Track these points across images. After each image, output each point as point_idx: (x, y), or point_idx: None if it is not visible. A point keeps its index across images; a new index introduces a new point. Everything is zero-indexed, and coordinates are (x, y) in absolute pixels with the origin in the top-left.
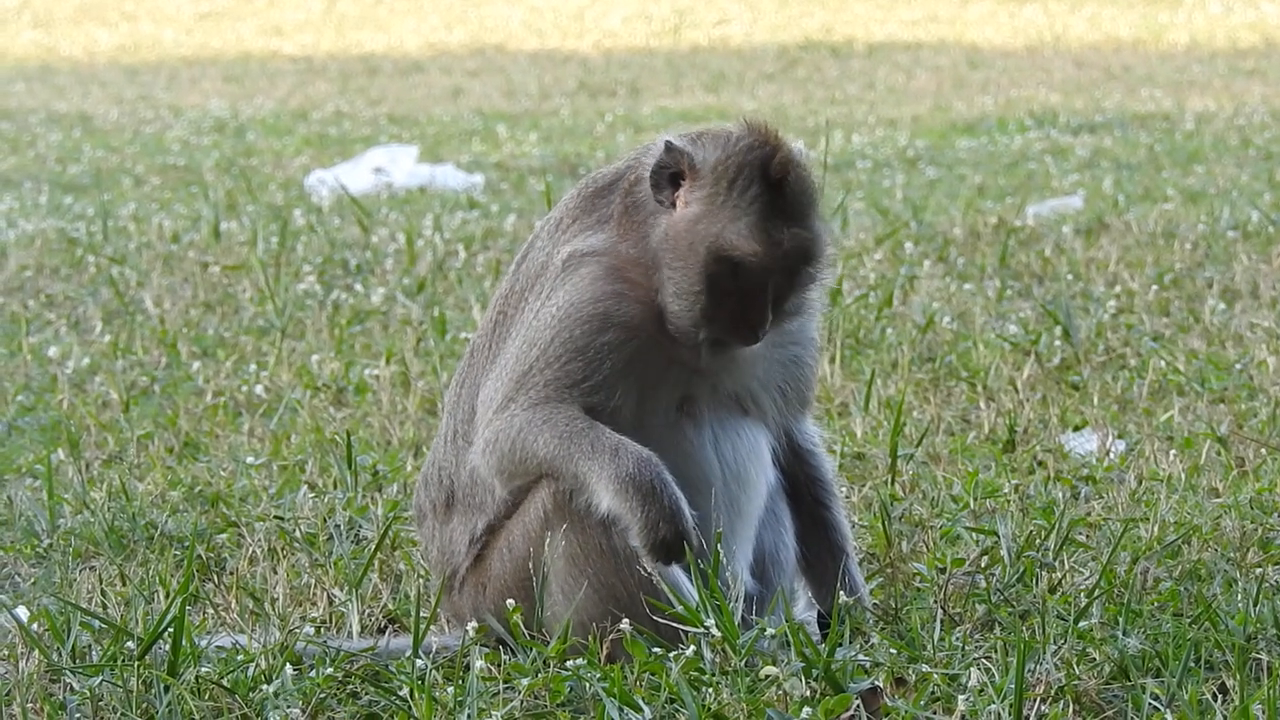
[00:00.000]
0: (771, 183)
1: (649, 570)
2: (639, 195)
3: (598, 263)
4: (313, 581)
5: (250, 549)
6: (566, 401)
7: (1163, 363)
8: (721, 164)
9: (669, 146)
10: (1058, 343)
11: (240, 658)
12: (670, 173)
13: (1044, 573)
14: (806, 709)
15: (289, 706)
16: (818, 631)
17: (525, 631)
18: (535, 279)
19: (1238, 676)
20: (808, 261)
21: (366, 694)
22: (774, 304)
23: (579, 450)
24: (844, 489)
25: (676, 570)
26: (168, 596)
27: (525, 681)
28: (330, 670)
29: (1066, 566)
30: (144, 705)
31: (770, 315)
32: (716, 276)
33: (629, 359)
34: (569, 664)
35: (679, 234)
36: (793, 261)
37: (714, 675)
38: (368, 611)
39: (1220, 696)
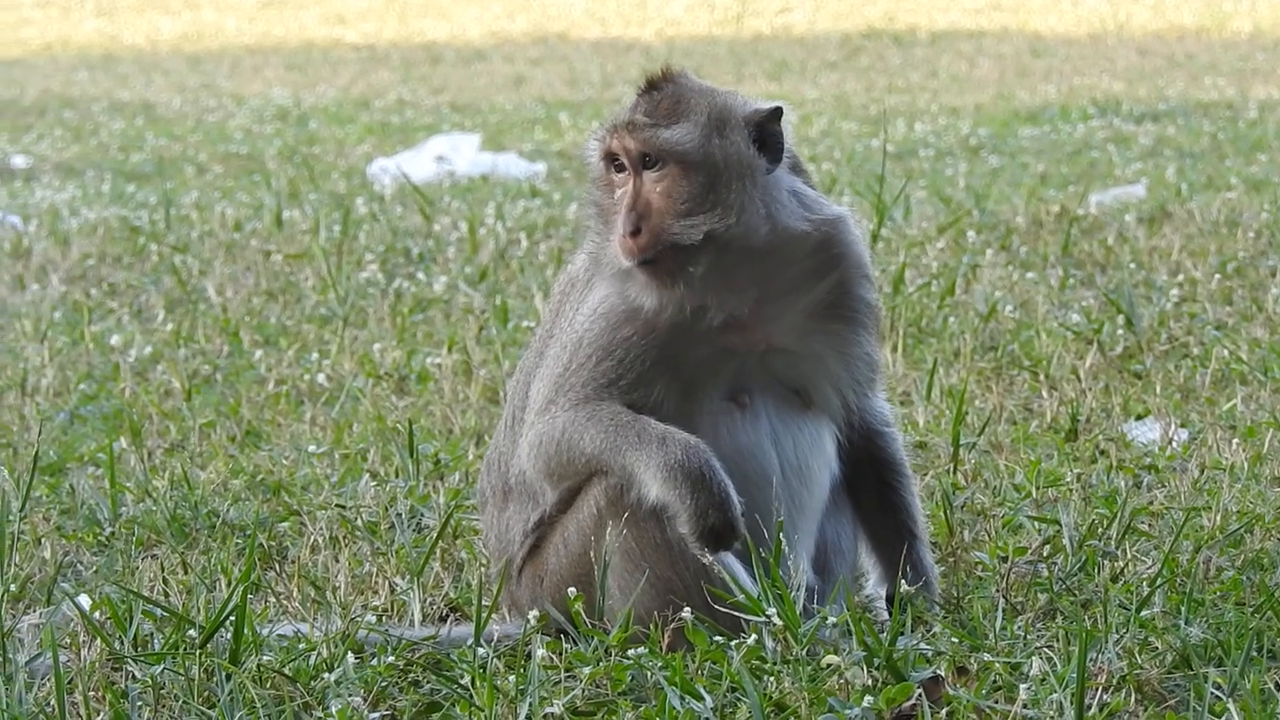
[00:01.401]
0: (638, 94)
1: (706, 561)
2: None
3: (612, 261)
4: (374, 570)
5: (312, 537)
6: (607, 399)
7: (1225, 351)
8: None
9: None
10: (1120, 331)
11: (302, 646)
12: None
13: (1106, 562)
14: (868, 698)
15: (350, 695)
16: (885, 610)
17: (587, 620)
18: (571, 284)
19: None
20: (643, 141)
21: (428, 682)
22: (645, 205)
23: (625, 441)
24: None
25: (734, 560)
26: (229, 585)
27: (587, 670)
28: (392, 659)
29: (1128, 555)
30: (205, 694)
31: (629, 215)
32: (602, 198)
33: (657, 352)
34: (630, 653)
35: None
36: (627, 143)
37: (775, 664)
38: (429, 600)
39: None
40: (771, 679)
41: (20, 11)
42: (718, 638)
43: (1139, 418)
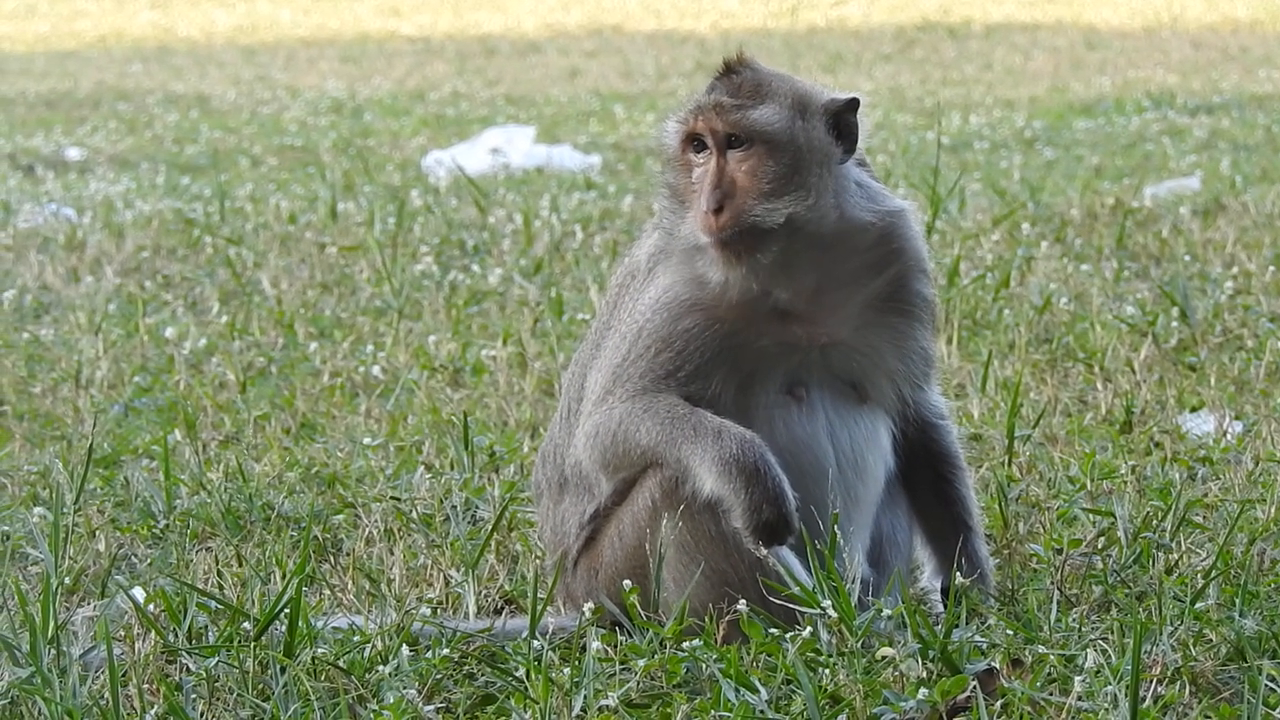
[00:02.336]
0: (718, 76)
1: (758, 553)
2: None
3: (677, 249)
4: (429, 562)
5: (367, 530)
6: (664, 391)
7: None
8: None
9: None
10: (1175, 324)
11: (356, 639)
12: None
13: (1161, 554)
14: (923, 690)
15: (405, 687)
16: (940, 602)
17: (642, 613)
18: (631, 276)
19: None
20: (728, 122)
21: (483, 675)
22: (730, 184)
23: (681, 435)
24: None
25: (788, 553)
26: (284, 577)
27: (641, 663)
28: (446, 651)
29: (1183, 548)
30: (260, 686)
31: (714, 192)
32: (678, 178)
33: (717, 344)
34: (685, 645)
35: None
36: (714, 123)
37: (830, 656)
38: (484, 592)
39: None
40: (826, 671)
41: (75, 4)
42: (773, 630)
43: (1193, 410)
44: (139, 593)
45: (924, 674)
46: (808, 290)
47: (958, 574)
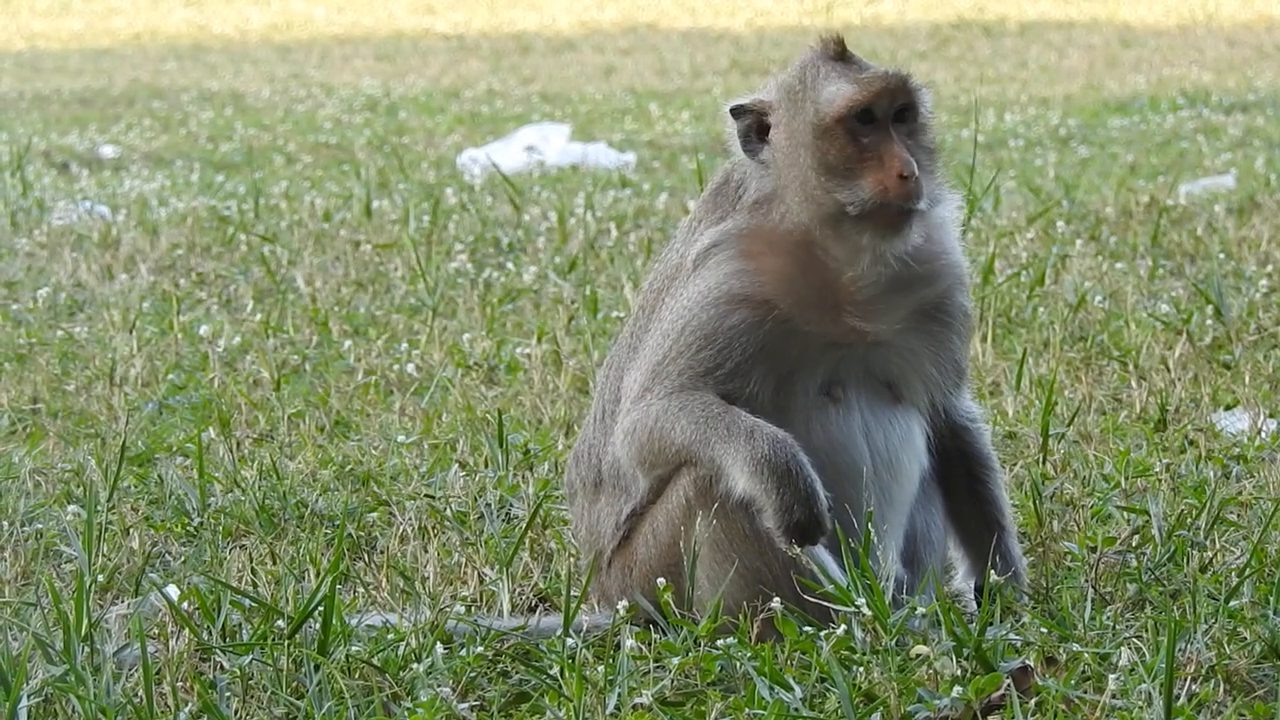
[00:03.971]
0: (835, 58)
1: (792, 553)
2: (739, 177)
3: (721, 250)
4: (463, 560)
5: (401, 528)
6: (702, 389)
7: None
8: (788, 80)
9: (737, 110)
10: (1209, 322)
11: (391, 636)
12: (754, 129)
13: (1195, 552)
14: (957, 688)
15: (439, 685)
16: (974, 601)
17: (676, 611)
18: (671, 278)
19: None
20: (908, 94)
21: (517, 673)
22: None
23: (715, 434)
24: None
25: (823, 551)
26: (318, 575)
27: (676, 660)
28: (481, 649)
29: (1218, 545)
30: (294, 684)
31: (910, 157)
32: (841, 149)
33: (762, 340)
34: (719, 643)
35: (785, 154)
36: (894, 96)
37: (864, 654)
38: (518, 590)
39: None
40: (861, 669)
41: (110, 1)
42: (807, 628)
43: (1228, 408)
44: (173, 591)
45: (958, 672)
46: (879, 288)
47: (992, 572)
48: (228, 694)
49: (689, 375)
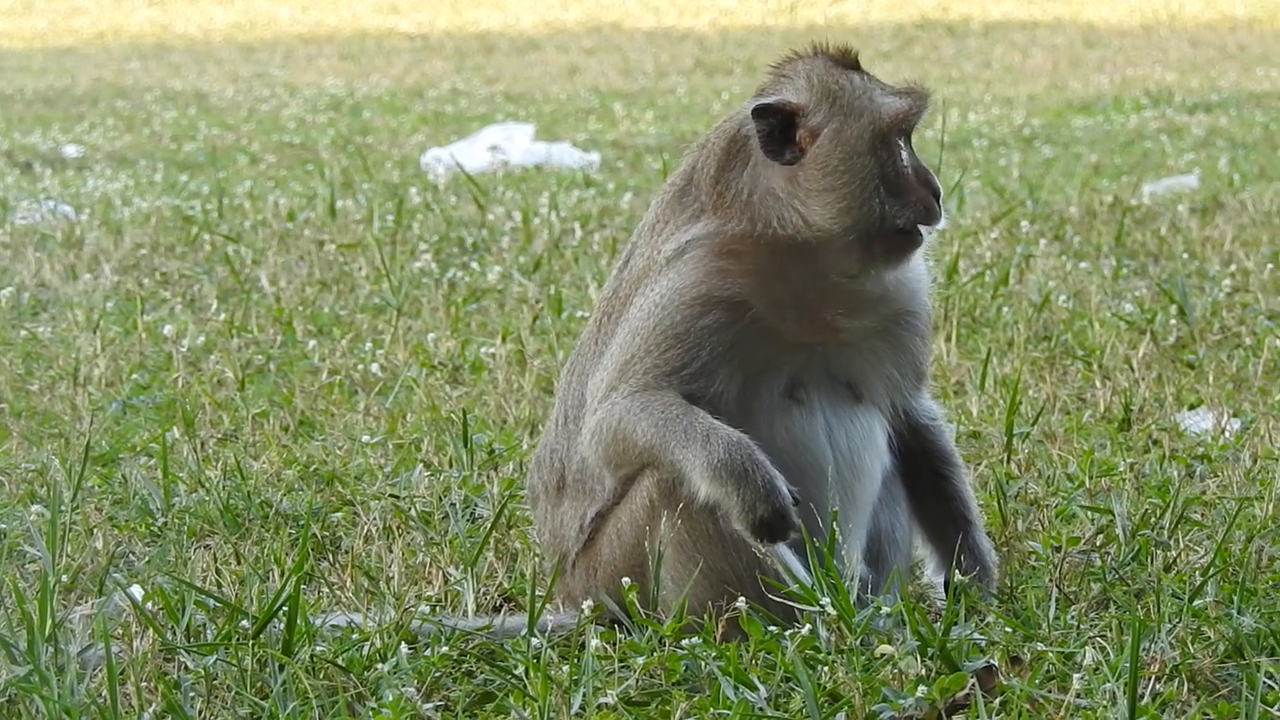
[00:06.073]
0: (853, 68)
1: (760, 553)
2: (729, 179)
3: (701, 246)
4: (428, 560)
5: (365, 527)
6: (665, 389)
7: (1278, 341)
8: (823, 80)
9: (763, 109)
10: (1173, 321)
11: (355, 636)
12: (779, 130)
13: (1159, 551)
14: (922, 687)
15: (404, 685)
16: (944, 595)
17: (641, 611)
18: (640, 279)
19: None
20: (929, 108)
21: (482, 673)
22: None
23: (673, 438)
24: None
25: (787, 551)
26: (282, 575)
27: (641, 660)
28: (445, 649)
29: (1181, 545)
30: (258, 684)
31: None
32: (894, 160)
33: (733, 341)
34: (684, 643)
35: (825, 159)
36: (928, 110)
37: (829, 654)
38: (483, 590)
39: None
40: (825, 669)
41: (73, 1)
42: (772, 628)
43: (1192, 407)
44: (137, 591)
45: (923, 671)
46: (859, 294)
47: (957, 571)
48: (192, 694)
49: (654, 374)
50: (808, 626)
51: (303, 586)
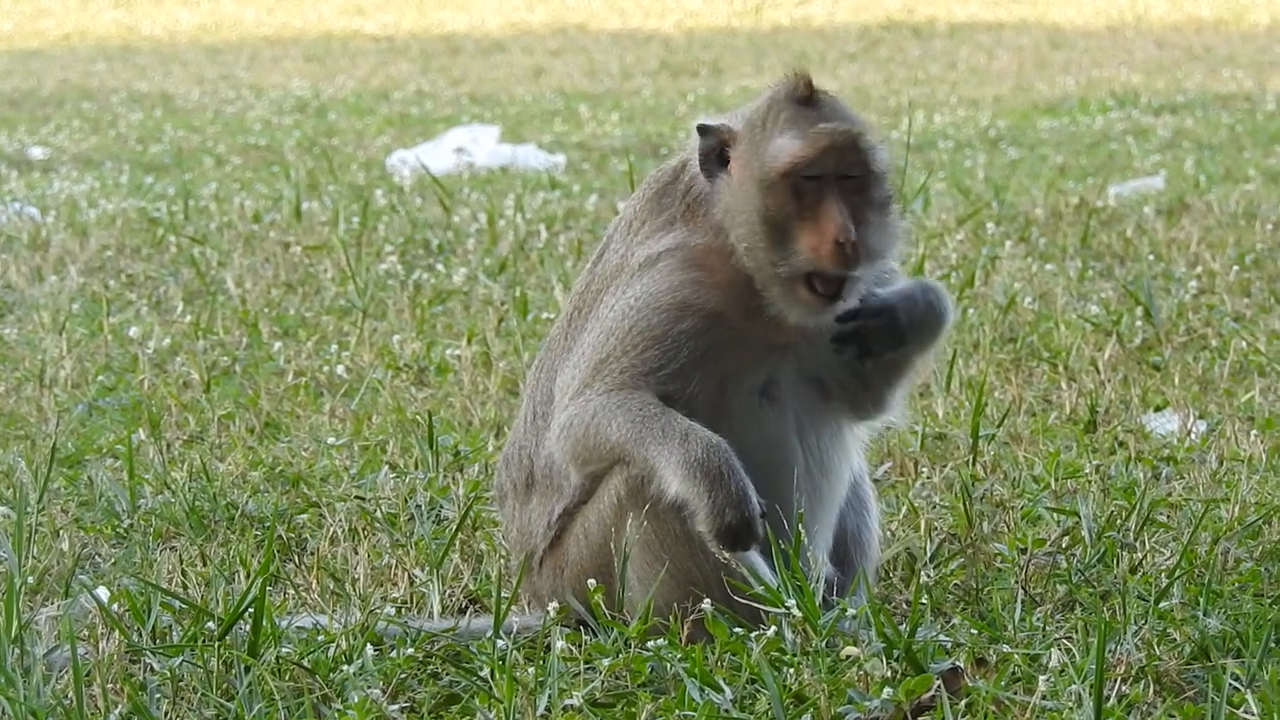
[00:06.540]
0: (800, 101)
1: (724, 558)
2: (697, 188)
3: (673, 257)
4: (394, 562)
5: (331, 529)
6: (641, 388)
7: (1244, 343)
8: (753, 113)
9: (703, 129)
10: (1139, 323)
11: (321, 638)
12: (715, 152)
13: (1125, 553)
14: (887, 689)
15: (369, 687)
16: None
17: (606, 612)
18: (612, 278)
19: None
20: (858, 153)
21: (447, 674)
22: (851, 216)
23: (650, 435)
24: (925, 469)
25: (753, 553)
26: (248, 577)
27: (606, 662)
28: (411, 651)
29: (1147, 547)
30: (224, 686)
31: (849, 224)
32: (781, 205)
33: (708, 346)
34: (650, 644)
35: (735, 191)
36: (842, 155)
37: (795, 656)
38: (449, 592)
39: None
40: (791, 670)
41: (38, 3)
42: (737, 629)
43: (1158, 409)
44: (103, 592)
45: (888, 673)
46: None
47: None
48: (158, 695)
49: (630, 374)
50: (773, 628)
51: (268, 588)
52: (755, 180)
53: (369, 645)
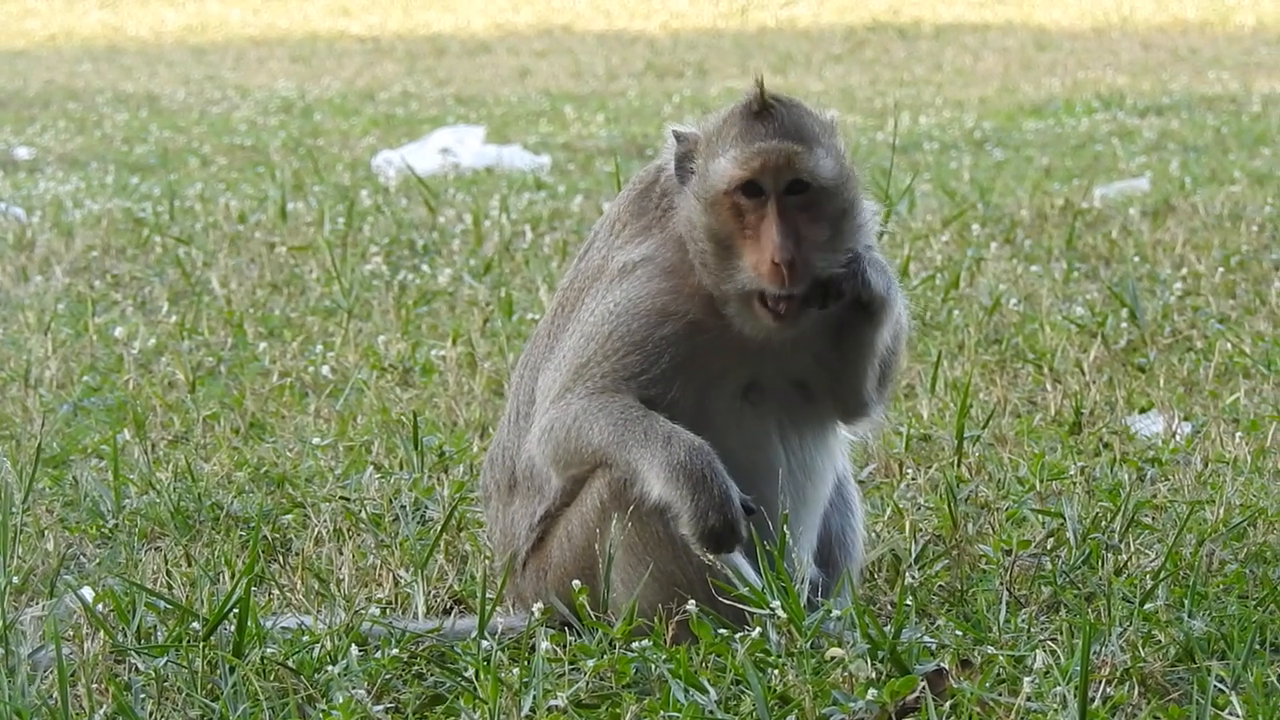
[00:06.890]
0: (752, 115)
1: (708, 560)
2: (673, 192)
3: (650, 265)
4: (378, 562)
5: (316, 530)
6: (623, 392)
7: (1229, 345)
8: (712, 125)
9: (677, 135)
10: (1124, 325)
11: (305, 638)
12: (686, 158)
13: (1110, 555)
14: (872, 691)
15: (354, 687)
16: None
17: (591, 613)
18: (593, 279)
19: None
20: (797, 171)
21: (432, 675)
22: (795, 234)
23: (632, 438)
24: (910, 471)
25: (737, 555)
26: (233, 577)
27: (591, 663)
28: (395, 651)
29: (1132, 548)
30: (209, 686)
31: (788, 243)
32: (724, 223)
33: (689, 351)
34: (634, 646)
35: (690, 206)
36: (779, 174)
37: (779, 657)
38: (433, 592)
39: None
40: (775, 672)
41: (24, 3)
42: (722, 631)
43: (1143, 411)
44: (88, 592)
45: (873, 674)
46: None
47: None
48: (143, 696)
49: (612, 378)
50: (758, 629)
51: (253, 588)
52: (700, 198)
53: (354, 646)
